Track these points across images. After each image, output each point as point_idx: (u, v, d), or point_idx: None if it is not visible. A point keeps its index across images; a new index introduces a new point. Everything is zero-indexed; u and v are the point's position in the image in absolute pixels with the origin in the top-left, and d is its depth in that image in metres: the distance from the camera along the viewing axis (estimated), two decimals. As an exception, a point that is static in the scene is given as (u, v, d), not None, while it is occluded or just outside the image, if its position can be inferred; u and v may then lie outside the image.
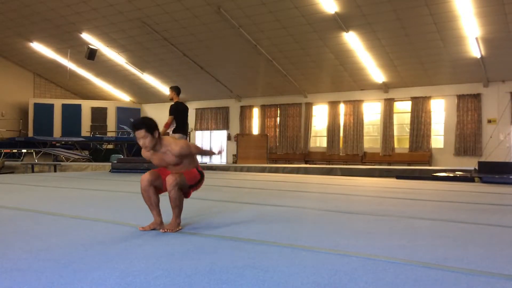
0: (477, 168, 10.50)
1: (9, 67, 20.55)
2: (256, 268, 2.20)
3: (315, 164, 17.09)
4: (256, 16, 13.51)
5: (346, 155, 17.61)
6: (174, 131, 7.46)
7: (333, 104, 18.00)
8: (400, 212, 4.33)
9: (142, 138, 3.13)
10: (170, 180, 3.09)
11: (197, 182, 3.38)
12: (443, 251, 2.66)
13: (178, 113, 7.47)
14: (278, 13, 13.13)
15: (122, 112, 22.17)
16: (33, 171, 12.77)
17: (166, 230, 3.17)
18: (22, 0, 14.46)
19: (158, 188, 3.25)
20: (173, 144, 3.20)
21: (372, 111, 17.62)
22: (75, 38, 16.80)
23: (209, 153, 3.58)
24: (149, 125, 3.17)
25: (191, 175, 3.27)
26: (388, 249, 2.69)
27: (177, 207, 3.22)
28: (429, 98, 16.27)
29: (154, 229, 3.24)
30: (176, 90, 7.56)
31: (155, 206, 3.25)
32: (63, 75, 20.05)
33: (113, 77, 20.60)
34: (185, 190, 3.28)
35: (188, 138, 21.18)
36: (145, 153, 3.30)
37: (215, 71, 18.10)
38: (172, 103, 7.63)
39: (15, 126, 20.43)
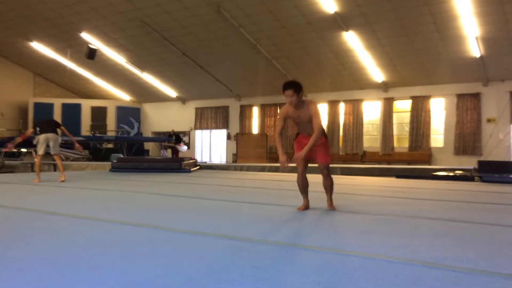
0: (476, 167, 10.50)
1: (9, 66, 20.52)
2: (256, 268, 2.20)
3: (314, 163, 17.06)
4: (256, 15, 13.49)
5: (345, 154, 17.61)
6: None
7: (333, 104, 17.99)
8: (400, 212, 4.33)
9: (290, 96, 4.06)
10: (323, 169, 4.35)
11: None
12: (443, 250, 2.66)
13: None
14: (278, 12, 13.12)
15: (122, 111, 22.16)
16: (33, 171, 12.76)
17: (332, 208, 4.37)
18: (22, 0, 14.45)
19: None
20: (312, 105, 4.16)
21: (371, 110, 17.60)
22: (75, 38, 16.79)
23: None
24: (297, 87, 4.09)
25: (327, 151, 4.36)
26: (388, 249, 2.69)
27: (331, 190, 4.42)
28: (428, 97, 16.27)
29: (306, 209, 4.31)
30: None
31: (306, 191, 4.39)
32: (63, 74, 20.04)
33: (113, 77, 20.58)
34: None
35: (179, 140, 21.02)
36: (285, 110, 4.25)
37: (215, 71, 18.08)
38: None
39: (15, 126, 20.41)
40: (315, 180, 5.10)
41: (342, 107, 17.90)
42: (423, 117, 16.24)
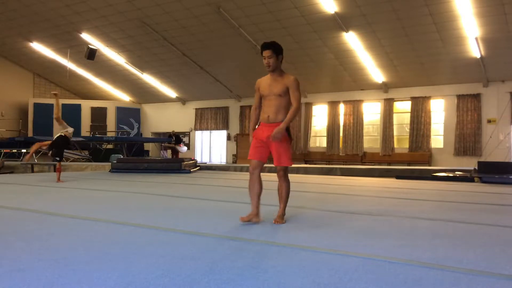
0: (476, 168, 10.51)
1: (9, 67, 20.52)
2: (256, 268, 2.20)
3: (315, 164, 17.09)
4: (256, 16, 13.50)
5: (346, 155, 17.61)
6: None
7: (333, 104, 17.99)
8: (400, 212, 4.33)
9: (268, 57, 3.50)
10: (279, 171, 3.54)
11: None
12: (443, 251, 2.66)
13: None
14: (278, 13, 13.12)
15: (122, 112, 22.16)
16: (32, 171, 12.76)
17: (276, 222, 3.49)
18: (22, 0, 14.47)
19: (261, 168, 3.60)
20: (292, 78, 3.51)
21: (372, 111, 17.60)
22: (75, 38, 16.79)
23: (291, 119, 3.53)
24: (277, 48, 3.51)
25: (288, 151, 3.53)
26: (388, 249, 2.69)
27: (286, 199, 3.62)
28: (429, 98, 16.27)
29: (249, 221, 3.46)
30: None
31: (256, 197, 3.53)
32: (63, 75, 20.04)
33: (113, 77, 20.59)
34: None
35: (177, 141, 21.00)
36: (259, 80, 3.69)
37: (214, 71, 18.09)
38: None
39: (15, 126, 20.41)
40: (315, 180, 5.11)
41: (342, 108, 17.89)
42: (423, 118, 16.24)
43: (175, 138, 18.68)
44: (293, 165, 3.87)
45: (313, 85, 17.91)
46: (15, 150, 15.73)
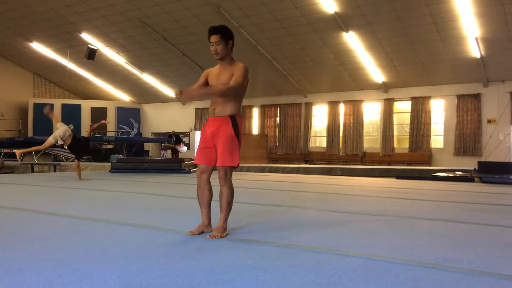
0: (476, 168, 10.50)
1: (9, 67, 20.52)
2: (256, 268, 2.20)
3: (315, 164, 17.07)
4: (256, 16, 13.50)
5: (345, 155, 17.61)
6: None
7: (333, 104, 17.99)
8: (400, 212, 4.33)
9: (216, 43, 3.13)
10: (219, 171, 3.02)
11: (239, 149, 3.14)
12: (443, 251, 2.66)
13: None
14: (278, 13, 13.12)
15: (122, 112, 22.16)
16: (32, 171, 12.77)
17: (213, 237, 2.95)
18: (22, 0, 14.47)
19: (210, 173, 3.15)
20: (240, 64, 3.11)
21: (372, 111, 17.60)
22: (75, 38, 16.79)
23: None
24: (226, 33, 3.14)
25: (233, 147, 3.08)
26: (388, 249, 2.69)
27: (227, 208, 3.07)
28: (429, 98, 16.27)
29: (202, 232, 3.10)
30: None
31: (206, 205, 3.15)
32: (63, 75, 20.03)
33: (113, 77, 20.58)
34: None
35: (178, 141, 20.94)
36: (210, 69, 3.25)
37: (215, 71, 18.08)
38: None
39: (14, 126, 20.41)
40: (315, 180, 5.10)
41: (342, 108, 17.90)
42: (423, 118, 16.24)
43: (175, 138, 18.67)
44: (293, 165, 3.70)
45: (313, 85, 17.91)
46: (15, 150, 15.71)
